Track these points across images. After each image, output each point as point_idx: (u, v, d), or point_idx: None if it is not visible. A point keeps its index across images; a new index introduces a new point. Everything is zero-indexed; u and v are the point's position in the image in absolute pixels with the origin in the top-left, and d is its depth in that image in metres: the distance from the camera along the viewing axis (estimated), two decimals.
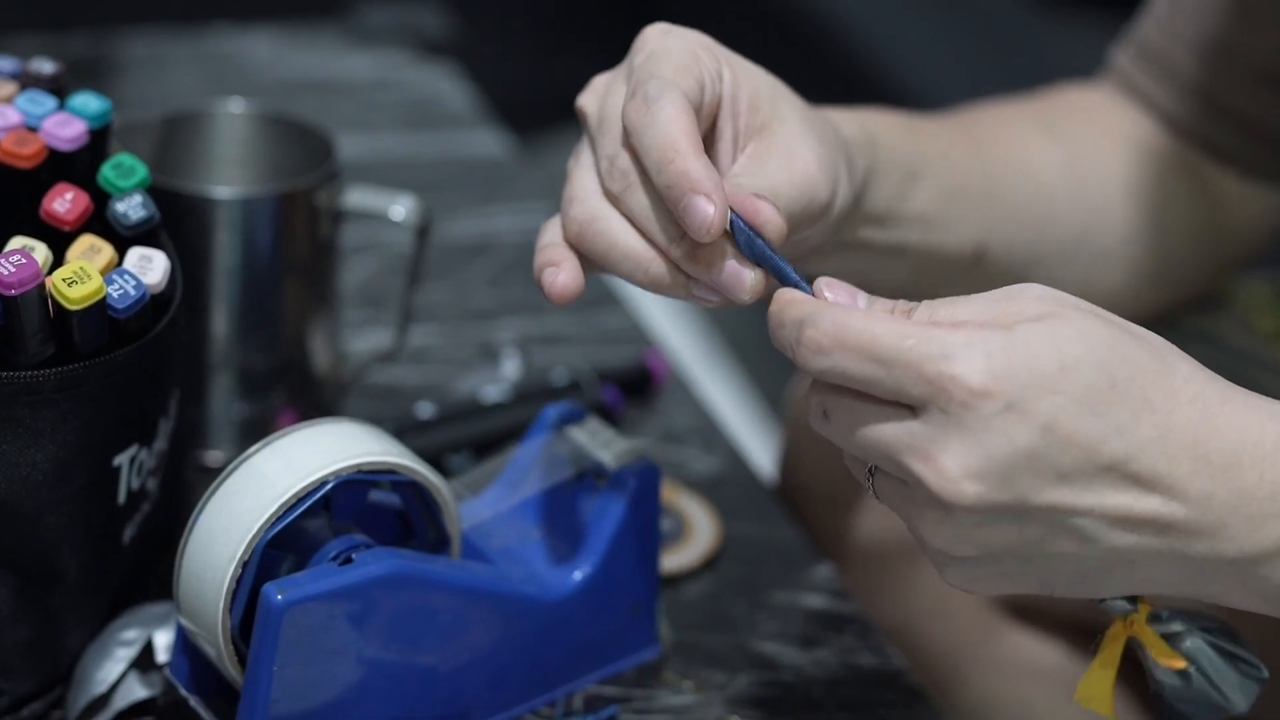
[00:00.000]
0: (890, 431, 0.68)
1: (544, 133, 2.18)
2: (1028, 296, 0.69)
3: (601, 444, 0.88)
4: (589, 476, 0.87)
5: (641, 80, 0.76)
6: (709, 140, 0.78)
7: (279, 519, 0.78)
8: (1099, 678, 0.73)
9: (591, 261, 0.78)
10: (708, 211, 0.73)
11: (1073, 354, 0.67)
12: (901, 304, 0.71)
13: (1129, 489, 0.67)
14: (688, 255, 0.76)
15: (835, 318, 0.68)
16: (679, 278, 0.77)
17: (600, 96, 0.79)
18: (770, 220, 0.75)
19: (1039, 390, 0.66)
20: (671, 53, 0.77)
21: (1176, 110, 1.00)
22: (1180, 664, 0.71)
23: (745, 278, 0.75)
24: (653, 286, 0.77)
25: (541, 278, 0.77)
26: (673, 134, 0.74)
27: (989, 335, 0.67)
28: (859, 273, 0.88)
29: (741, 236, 0.74)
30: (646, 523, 0.87)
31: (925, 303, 0.70)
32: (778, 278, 0.74)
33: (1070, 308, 0.68)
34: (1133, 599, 0.72)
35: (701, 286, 0.76)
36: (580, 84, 0.82)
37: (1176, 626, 0.72)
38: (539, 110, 2.16)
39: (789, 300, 0.71)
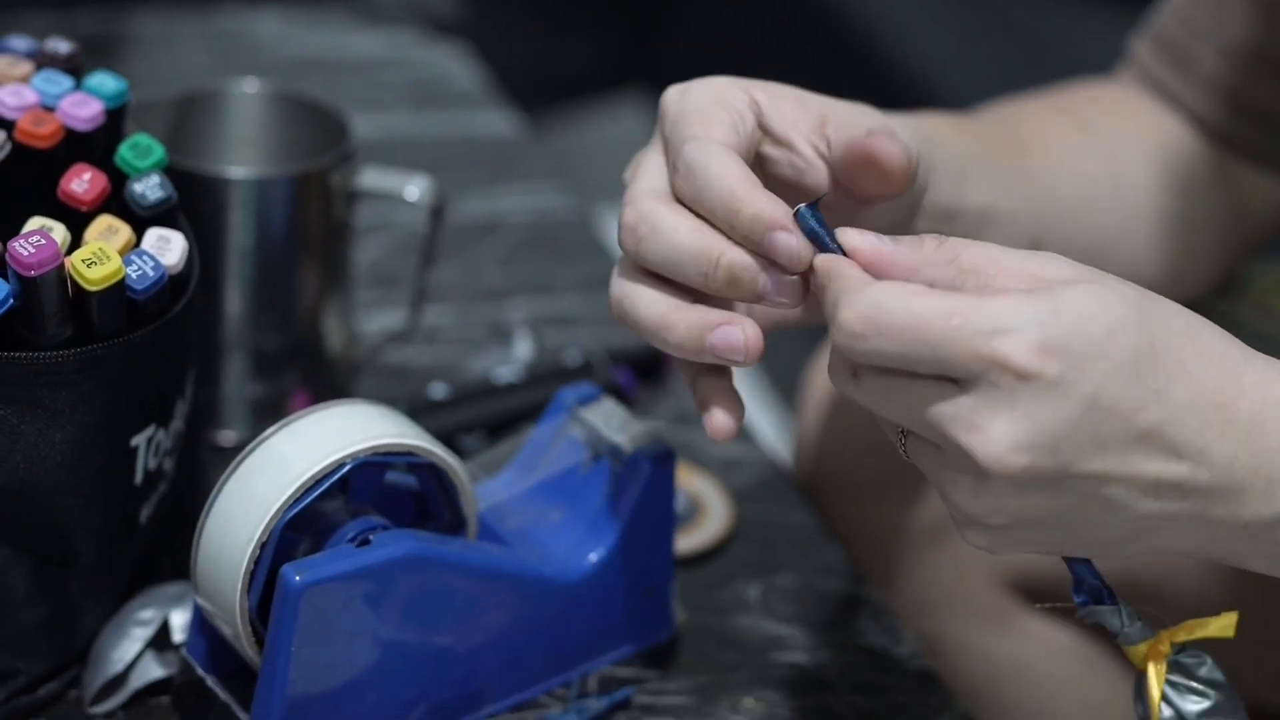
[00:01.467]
0: (932, 403, 0.67)
1: (553, 112, 2.18)
2: (1055, 260, 0.69)
3: (617, 426, 0.88)
4: (604, 458, 0.87)
5: (676, 152, 0.75)
6: (782, 151, 0.78)
7: (297, 500, 0.78)
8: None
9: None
10: (792, 243, 0.72)
11: (1119, 316, 0.67)
12: (930, 239, 0.69)
13: (1161, 456, 0.67)
14: (727, 281, 0.74)
15: (871, 299, 0.67)
16: (713, 316, 0.75)
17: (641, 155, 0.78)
18: (889, 150, 0.75)
19: (1090, 357, 0.66)
20: (692, 110, 0.76)
21: (1196, 104, 1.00)
22: (1231, 622, 0.73)
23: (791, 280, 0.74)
24: (688, 340, 0.75)
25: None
26: (729, 185, 0.73)
27: (1038, 304, 0.66)
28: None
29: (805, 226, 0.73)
30: (662, 505, 0.87)
31: (951, 240, 0.69)
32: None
33: (1096, 273, 0.69)
34: (1148, 625, 0.73)
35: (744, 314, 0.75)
36: (588, 63, 0.82)
37: (1189, 659, 0.73)
38: (547, 89, 2.16)
39: (826, 272, 0.70)
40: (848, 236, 0.70)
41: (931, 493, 1.04)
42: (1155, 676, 0.73)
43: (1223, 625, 0.73)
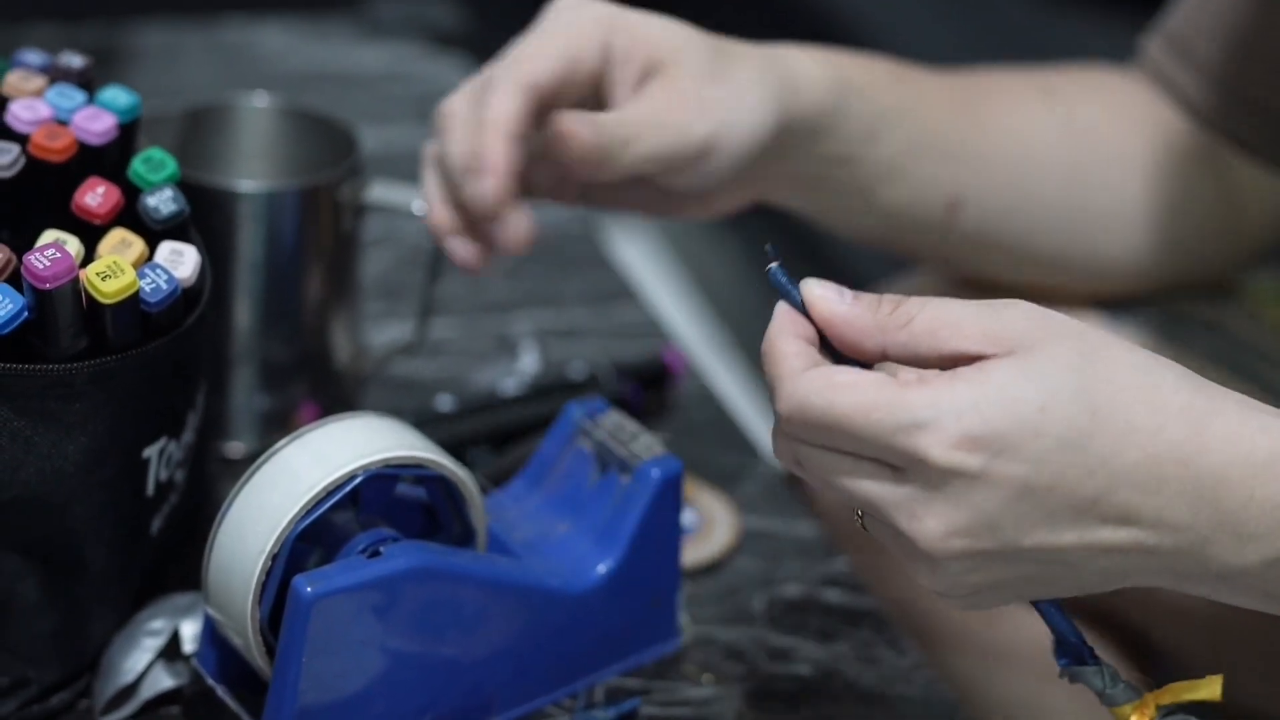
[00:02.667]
0: (871, 489, 0.68)
1: None
2: (1015, 314, 0.68)
3: (624, 439, 0.88)
4: (612, 471, 0.88)
5: (489, 75, 0.88)
6: (604, 93, 0.89)
7: (308, 512, 0.79)
8: None
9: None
10: (481, 187, 0.86)
11: (1052, 389, 0.66)
12: (887, 300, 0.70)
13: (1113, 523, 0.67)
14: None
15: (796, 395, 0.68)
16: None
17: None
18: (570, 132, 0.85)
19: (1021, 439, 0.66)
20: (543, 35, 0.88)
21: (1198, 98, 1.00)
22: (1216, 686, 0.71)
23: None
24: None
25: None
26: (493, 115, 0.87)
27: (959, 395, 0.66)
28: (829, 212, 0.95)
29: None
30: (669, 517, 0.88)
31: (909, 302, 0.70)
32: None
33: (1053, 335, 0.68)
34: (1132, 687, 0.72)
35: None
36: None
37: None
38: None
39: (764, 353, 0.71)
40: (808, 290, 0.71)
41: None
42: None
43: (1210, 689, 0.71)
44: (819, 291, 0.70)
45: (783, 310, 0.71)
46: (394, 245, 1.21)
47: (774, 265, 0.72)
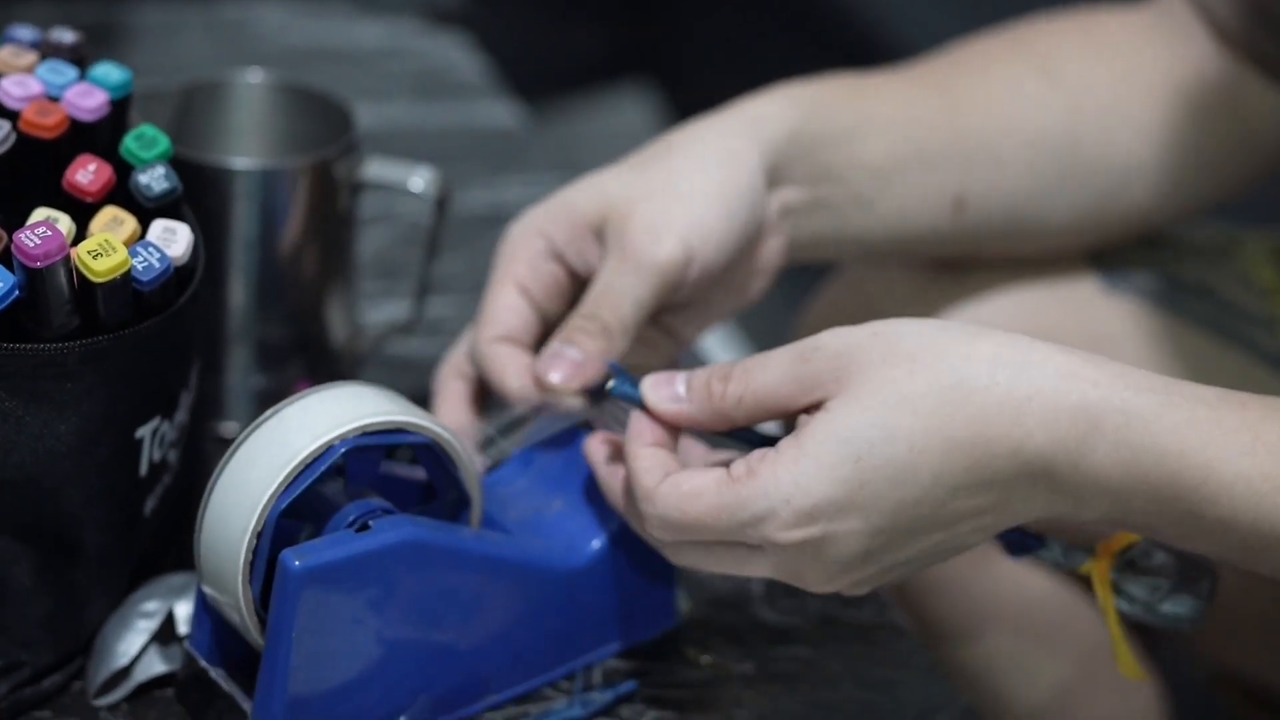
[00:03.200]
0: (748, 568, 0.77)
1: (553, 102, 2.18)
2: (821, 357, 0.74)
3: (618, 413, 0.88)
4: None
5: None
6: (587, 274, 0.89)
7: (292, 485, 0.78)
8: (1122, 650, 0.78)
9: None
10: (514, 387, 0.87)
11: (865, 440, 0.72)
12: (715, 384, 0.77)
13: (964, 519, 0.73)
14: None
15: (656, 513, 0.76)
16: None
17: None
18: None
19: (847, 497, 0.72)
20: (506, 253, 0.90)
21: (1225, 17, 0.99)
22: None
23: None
24: None
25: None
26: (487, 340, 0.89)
27: (781, 479, 0.72)
28: (834, 226, 0.94)
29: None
30: None
31: (734, 377, 0.76)
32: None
33: (860, 367, 0.73)
34: (1086, 550, 0.78)
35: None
36: (590, 52, 0.85)
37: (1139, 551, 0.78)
38: (548, 79, 2.15)
39: (627, 465, 0.78)
40: (646, 396, 0.78)
41: None
42: (1099, 585, 0.77)
43: None
44: (653, 397, 0.78)
45: (635, 418, 0.79)
46: (391, 223, 1.21)
47: (613, 382, 0.81)
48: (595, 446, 0.83)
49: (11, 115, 0.83)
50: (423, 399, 1.01)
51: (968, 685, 1.04)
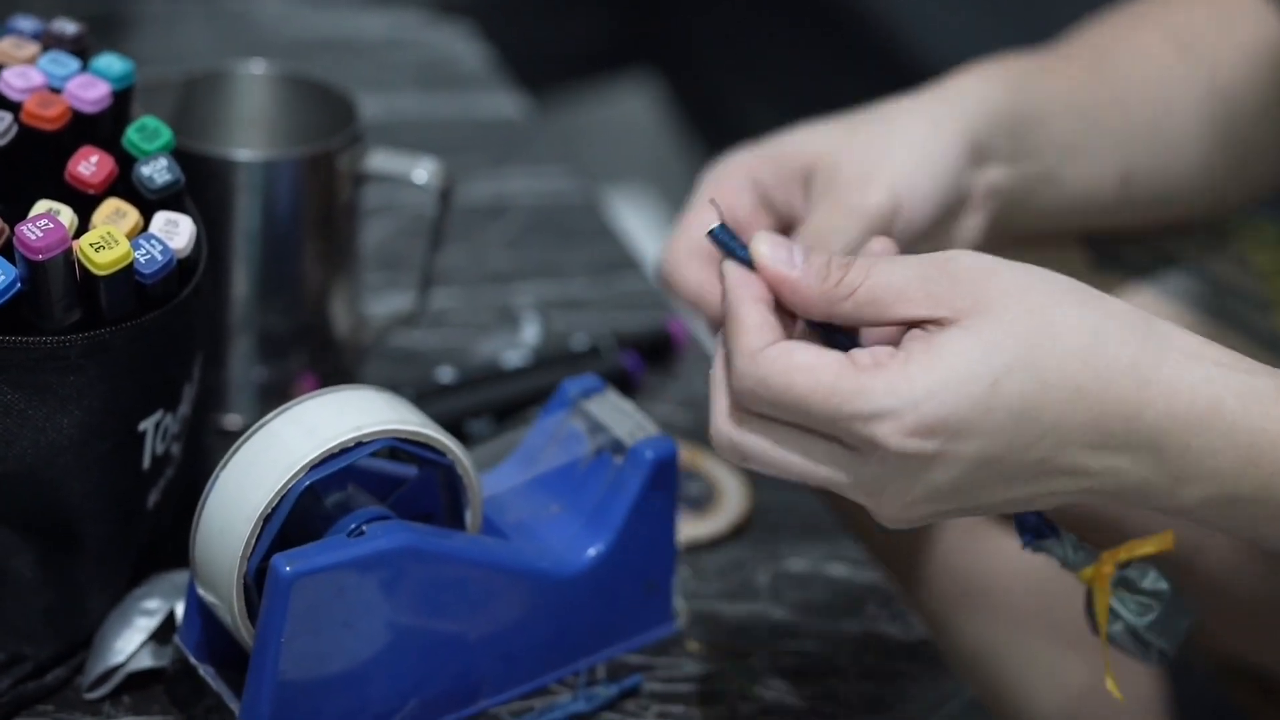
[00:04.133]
0: (827, 471, 0.70)
1: (556, 92, 2.17)
2: (960, 273, 0.70)
3: (620, 419, 0.87)
4: (606, 452, 0.87)
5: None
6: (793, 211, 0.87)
7: (288, 494, 0.77)
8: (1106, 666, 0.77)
9: None
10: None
11: (1003, 364, 0.68)
12: (836, 268, 0.71)
13: (1062, 477, 0.70)
14: None
15: (758, 373, 0.69)
16: None
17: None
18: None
19: (974, 418, 0.68)
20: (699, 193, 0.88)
21: None
22: (1168, 539, 0.76)
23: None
24: None
25: None
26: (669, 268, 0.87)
27: (915, 381, 0.68)
28: (1024, 203, 0.93)
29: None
30: (663, 499, 0.87)
31: (855, 267, 0.71)
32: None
33: (1000, 293, 0.69)
34: (1093, 552, 0.77)
35: None
36: (594, 42, 0.85)
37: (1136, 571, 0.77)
38: (551, 69, 2.15)
39: (728, 322, 0.72)
40: (759, 246, 0.72)
41: None
42: (1100, 593, 0.76)
43: (1162, 542, 0.76)
44: (767, 251, 0.72)
45: (737, 273, 0.72)
46: (394, 214, 1.20)
47: (717, 226, 0.74)
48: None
49: (13, 107, 0.83)
50: (426, 390, 1.01)
51: (977, 683, 1.03)
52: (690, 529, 0.95)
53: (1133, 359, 0.69)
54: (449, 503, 0.83)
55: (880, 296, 0.70)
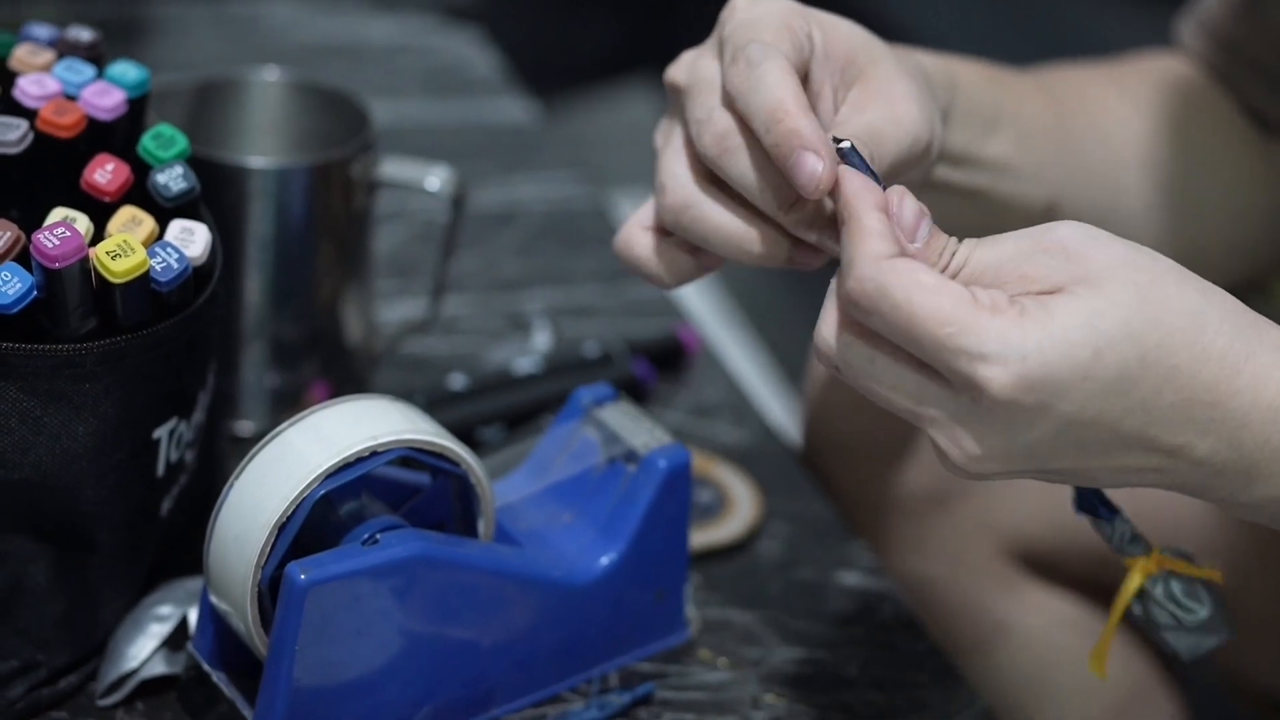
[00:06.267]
0: (915, 399, 0.68)
1: (565, 96, 2.17)
2: (1055, 246, 0.69)
3: (632, 428, 0.87)
4: (619, 461, 0.87)
5: (740, 45, 0.76)
6: (811, 99, 0.78)
7: (307, 497, 0.78)
8: (1105, 646, 0.77)
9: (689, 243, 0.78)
10: (816, 167, 0.72)
11: (1108, 335, 0.67)
12: (939, 237, 0.71)
13: (1139, 452, 0.69)
14: (800, 219, 0.76)
15: (879, 279, 0.67)
16: (780, 247, 0.77)
17: (689, 66, 0.79)
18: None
19: (1073, 382, 0.67)
20: (763, 19, 0.77)
21: (1246, 89, 0.99)
22: (1217, 575, 0.76)
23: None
24: (754, 262, 0.78)
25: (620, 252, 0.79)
26: (780, 94, 0.74)
27: (1028, 334, 0.66)
28: (935, 214, 0.90)
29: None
30: (676, 508, 0.87)
31: (966, 244, 0.70)
32: None
33: (1110, 265, 0.68)
34: (1145, 545, 0.76)
35: (804, 250, 0.77)
36: (603, 47, 0.82)
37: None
38: (560, 74, 2.15)
39: (850, 223, 0.70)
40: (892, 194, 0.71)
41: (936, 458, 1.04)
42: (1135, 579, 0.75)
43: (1210, 573, 0.76)
44: (895, 199, 0.70)
45: (859, 180, 0.71)
46: (406, 221, 1.20)
47: (847, 143, 0.73)
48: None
49: (29, 114, 0.83)
50: (438, 397, 1.01)
51: (963, 657, 1.03)
52: (702, 537, 0.95)
53: (1227, 345, 0.68)
54: (462, 511, 0.83)
55: (979, 275, 0.70)
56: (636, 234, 0.80)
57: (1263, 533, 0.96)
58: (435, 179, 1.00)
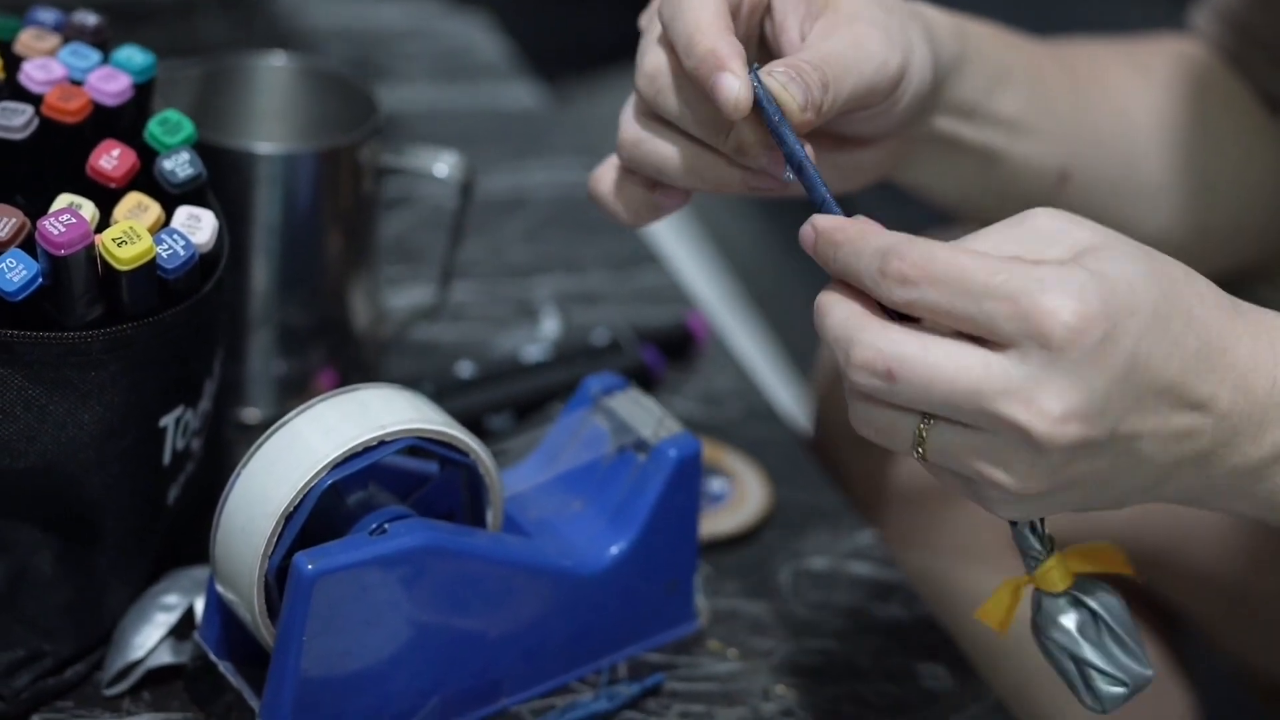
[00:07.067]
0: (978, 375, 0.66)
1: (576, 84, 2.16)
2: (1043, 225, 0.68)
3: (642, 417, 0.87)
4: (629, 450, 0.86)
5: None
6: (775, 31, 0.79)
7: (309, 494, 0.77)
8: (1003, 595, 0.75)
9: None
10: (732, 85, 0.73)
11: (1131, 275, 0.66)
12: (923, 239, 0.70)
13: (1181, 408, 0.68)
14: (735, 145, 0.76)
15: (922, 249, 0.67)
16: (731, 174, 0.77)
17: (652, 10, 0.80)
18: (806, 77, 0.74)
19: (1124, 316, 0.66)
20: None
21: (1266, 79, 0.98)
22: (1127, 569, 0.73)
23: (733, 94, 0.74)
24: (712, 189, 0.78)
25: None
26: (697, 15, 0.74)
27: (1071, 270, 0.66)
28: (949, 175, 0.90)
29: (767, 115, 0.74)
30: (686, 498, 0.86)
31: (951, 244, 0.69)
32: (790, 160, 0.74)
33: (1091, 230, 0.68)
34: (1047, 543, 0.73)
35: (757, 176, 0.77)
36: (611, 32, 0.82)
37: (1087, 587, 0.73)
38: (571, 60, 2.14)
39: (866, 230, 0.69)
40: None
41: None
42: (1039, 584, 0.73)
43: (1122, 566, 0.74)
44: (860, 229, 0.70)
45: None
46: (412, 206, 1.20)
47: (754, 65, 0.73)
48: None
49: (34, 99, 0.82)
50: (446, 385, 1.01)
51: (995, 675, 1.03)
52: (712, 526, 0.95)
53: (1218, 299, 0.69)
54: (470, 501, 0.83)
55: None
56: (604, 172, 0.81)
57: (1275, 529, 0.96)
58: (443, 165, 1.00)
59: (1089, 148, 0.93)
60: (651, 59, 0.77)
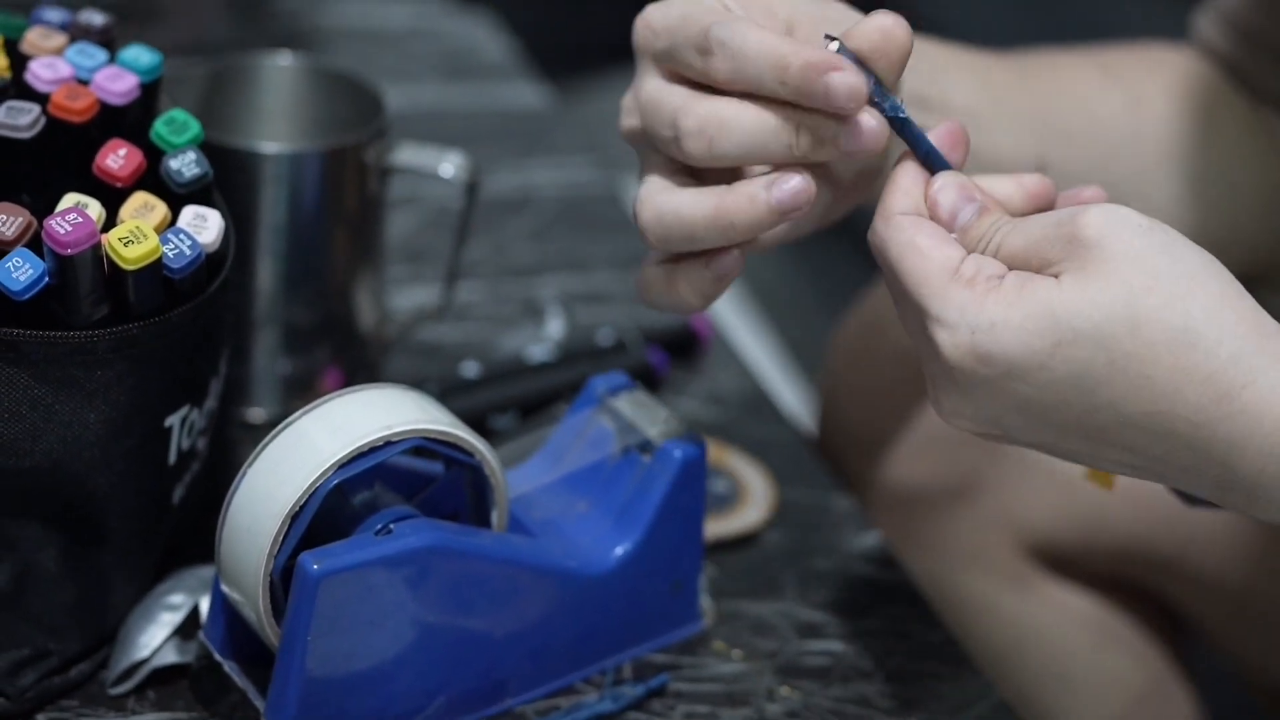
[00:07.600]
0: (919, 341, 0.71)
1: (581, 83, 2.16)
2: (1076, 234, 0.69)
3: (647, 417, 0.87)
4: (634, 450, 0.86)
5: (695, 39, 0.75)
6: None
7: (314, 494, 0.77)
8: None
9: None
10: (848, 79, 0.73)
11: (1073, 329, 0.67)
12: (998, 222, 0.72)
13: (1114, 449, 0.70)
14: (811, 143, 0.75)
15: (885, 233, 0.72)
16: (757, 205, 0.75)
17: (630, 110, 0.79)
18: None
19: (1026, 369, 0.68)
20: (687, 13, 0.76)
21: (1267, 80, 0.98)
22: None
23: (873, 123, 0.75)
24: (746, 232, 0.76)
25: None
26: (770, 45, 0.74)
27: (986, 310, 0.68)
28: None
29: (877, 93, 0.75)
30: (691, 498, 0.86)
31: (1009, 221, 0.72)
32: (893, 118, 0.75)
33: (1105, 259, 0.68)
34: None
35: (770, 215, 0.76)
36: (616, 32, 0.80)
37: None
38: (576, 60, 2.14)
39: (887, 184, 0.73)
40: (942, 193, 0.73)
41: (953, 452, 1.03)
42: None
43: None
44: (951, 200, 0.73)
45: (907, 158, 0.74)
46: (419, 207, 1.20)
47: (835, 43, 0.74)
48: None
49: (41, 99, 0.82)
50: (451, 385, 1.01)
51: (979, 652, 1.02)
52: (717, 527, 0.95)
53: (1220, 368, 0.67)
54: (475, 501, 0.83)
55: (1013, 258, 0.71)
56: (648, 277, 0.80)
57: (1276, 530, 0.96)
58: (449, 165, 1.00)
59: (1059, 146, 0.93)
60: (693, 116, 0.75)
